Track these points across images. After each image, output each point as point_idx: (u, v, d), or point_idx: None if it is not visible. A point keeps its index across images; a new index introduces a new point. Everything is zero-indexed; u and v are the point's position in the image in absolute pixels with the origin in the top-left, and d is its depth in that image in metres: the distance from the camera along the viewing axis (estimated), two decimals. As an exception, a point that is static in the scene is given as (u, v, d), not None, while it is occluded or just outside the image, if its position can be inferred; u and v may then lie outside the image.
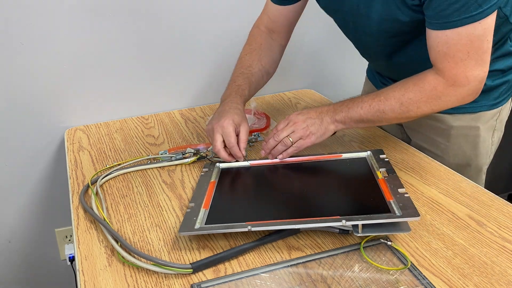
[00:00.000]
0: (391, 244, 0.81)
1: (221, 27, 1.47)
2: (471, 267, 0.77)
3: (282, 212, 0.87)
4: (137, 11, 1.35)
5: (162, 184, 1.05)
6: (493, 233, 0.84)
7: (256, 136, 1.26)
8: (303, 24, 1.58)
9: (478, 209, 0.91)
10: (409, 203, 0.81)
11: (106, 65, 1.38)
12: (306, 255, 0.80)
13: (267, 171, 1.04)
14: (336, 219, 0.80)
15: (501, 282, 0.73)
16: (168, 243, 0.85)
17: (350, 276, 0.75)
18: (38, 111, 1.35)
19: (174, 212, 0.94)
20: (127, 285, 0.75)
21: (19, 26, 1.25)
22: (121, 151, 1.21)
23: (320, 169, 1.03)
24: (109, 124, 1.40)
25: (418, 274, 0.75)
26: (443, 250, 0.80)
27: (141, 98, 1.46)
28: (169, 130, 1.34)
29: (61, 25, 1.29)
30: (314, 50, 1.62)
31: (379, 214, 0.80)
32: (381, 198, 0.85)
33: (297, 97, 1.56)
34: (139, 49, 1.40)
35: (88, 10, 1.30)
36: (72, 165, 1.15)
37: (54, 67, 1.32)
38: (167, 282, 0.75)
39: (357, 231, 0.80)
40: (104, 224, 0.88)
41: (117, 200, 0.99)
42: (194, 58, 1.47)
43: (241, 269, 0.78)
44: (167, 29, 1.41)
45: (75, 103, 1.38)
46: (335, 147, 1.19)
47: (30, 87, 1.32)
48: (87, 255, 0.83)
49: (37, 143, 1.38)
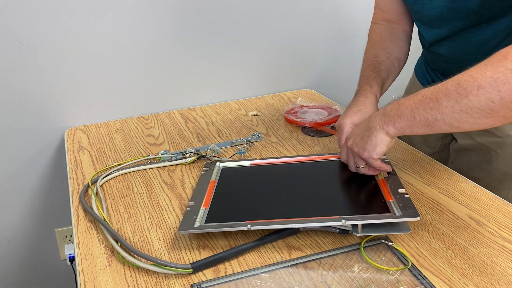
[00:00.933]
0: (392, 244, 0.81)
1: (221, 27, 1.47)
2: (471, 267, 0.76)
3: (282, 211, 0.87)
4: (137, 10, 1.35)
5: (162, 184, 1.05)
6: (493, 233, 0.84)
7: (257, 136, 1.26)
8: (303, 24, 1.58)
9: (478, 209, 0.91)
10: (409, 203, 0.81)
11: (106, 65, 1.38)
12: (306, 255, 0.80)
13: (268, 171, 1.04)
14: (336, 219, 0.80)
15: (501, 282, 0.73)
16: (168, 243, 0.85)
17: (350, 276, 0.75)
18: (38, 111, 1.35)
19: (174, 212, 0.94)
20: (127, 285, 0.75)
21: (19, 26, 1.25)
22: (121, 151, 1.21)
23: (321, 169, 1.03)
24: (109, 124, 1.40)
25: (418, 274, 0.75)
26: (443, 250, 0.80)
27: (141, 98, 1.46)
28: (169, 130, 1.34)
29: (61, 25, 1.29)
30: (314, 50, 1.62)
31: (379, 214, 0.80)
32: (381, 198, 0.86)
33: (297, 97, 1.56)
34: (139, 49, 1.40)
35: (88, 10, 1.30)
36: (72, 165, 1.15)
37: (54, 67, 1.32)
38: (167, 282, 0.75)
39: (357, 231, 0.80)
40: (104, 224, 0.88)
41: (117, 200, 0.99)
42: (194, 58, 1.47)
43: (241, 269, 0.78)
44: (167, 28, 1.41)
45: (75, 103, 1.39)
46: (335, 147, 1.19)
47: (30, 87, 1.32)
48: (87, 255, 0.83)
49: (37, 143, 1.38)
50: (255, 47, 1.54)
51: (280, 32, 1.55)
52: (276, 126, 1.34)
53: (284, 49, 1.57)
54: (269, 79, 1.61)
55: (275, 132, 1.30)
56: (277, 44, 1.56)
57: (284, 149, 1.20)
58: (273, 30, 1.53)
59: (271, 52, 1.56)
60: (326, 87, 1.67)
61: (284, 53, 1.58)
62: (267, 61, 1.57)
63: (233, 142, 1.23)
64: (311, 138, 1.26)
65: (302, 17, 1.56)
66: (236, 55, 1.52)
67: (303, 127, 1.31)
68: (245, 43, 1.52)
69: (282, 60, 1.60)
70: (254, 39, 1.52)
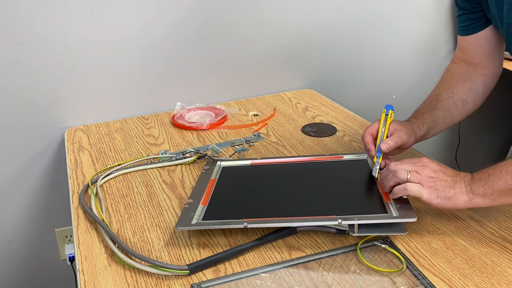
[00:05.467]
0: (384, 246, 0.80)
1: (221, 27, 1.47)
2: (472, 267, 0.76)
3: (280, 210, 0.87)
4: (137, 10, 1.35)
5: (162, 184, 1.05)
6: (494, 233, 0.84)
7: (257, 135, 1.26)
8: (303, 24, 1.58)
9: (478, 209, 0.91)
10: (406, 205, 0.81)
11: (106, 65, 1.38)
12: (306, 255, 0.80)
13: (268, 171, 1.04)
14: (332, 218, 0.80)
15: (501, 282, 0.73)
16: (169, 243, 0.85)
17: (350, 276, 0.75)
18: (38, 111, 1.35)
19: (174, 212, 0.94)
20: (127, 285, 0.75)
21: (19, 26, 1.25)
22: (121, 151, 1.21)
23: (321, 170, 1.03)
24: (109, 124, 1.40)
25: (418, 274, 0.74)
26: (443, 250, 0.80)
27: (141, 98, 1.46)
28: (169, 130, 1.34)
29: (61, 25, 1.29)
30: (315, 50, 1.62)
31: (376, 214, 0.80)
32: (379, 199, 0.85)
33: (297, 97, 1.56)
34: (139, 48, 1.40)
35: (88, 10, 1.30)
36: (72, 165, 1.15)
37: (54, 67, 1.32)
38: (167, 282, 0.75)
39: (353, 231, 0.80)
40: (102, 225, 0.88)
41: (117, 200, 0.99)
42: (194, 57, 1.47)
43: (241, 269, 0.77)
44: (167, 28, 1.41)
45: (75, 103, 1.38)
46: (335, 147, 1.19)
47: (30, 87, 1.32)
48: (87, 255, 0.83)
49: (37, 143, 1.38)
50: (255, 47, 1.53)
51: (280, 32, 1.54)
52: (276, 126, 1.34)
53: (284, 49, 1.57)
54: (269, 79, 1.60)
55: (275, 132, 1.30)
56: (277, 44, 1.56)
57: (284, 149, 1.20)
58: (273, 30, 1.53)
59: (271, 52, 1.56)
60: (326, 87, 1.67)
61: (284, 53, 1.58)
62: (267, 61, 1.57)
63: (233, 142, 1.23)
64: (311, 138, 1.26)
65: (302, 17, 1.56)
66: (236, 55, 1.52)
67: (303, 127, 1.31)
68: (245, 43, 1.52)
69: (282, 60, 1.59)
70: (254, 39, 1.52)
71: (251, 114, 1.44)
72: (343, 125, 1.33)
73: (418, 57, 1.80)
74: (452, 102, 1.03)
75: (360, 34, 1.66)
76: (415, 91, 1.81)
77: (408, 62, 1.79)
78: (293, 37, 1.57)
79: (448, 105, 1.03)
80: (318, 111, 1.45)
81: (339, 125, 1.33)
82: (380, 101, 1.75)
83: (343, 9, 1.60)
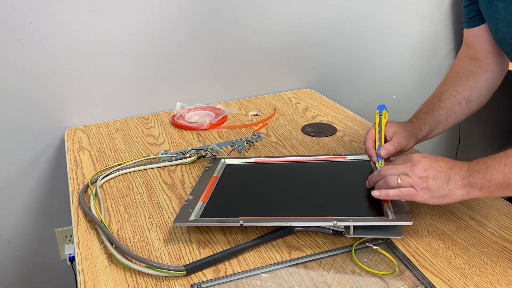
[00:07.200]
0: (376, 248, 0.80)
1: (221, 27, 1.47)
2: (472, 267, 0.76)
3: (278, 210, 0.87)
4: (137, 10, 1.35)
5: (162, 184, 1.05)
6: (494, 233, 0.84)
7: (257, 135, 1.26)
8: (303, 24, 1.58)
9: (478, 209, 0.91)
10: (404, 208, 0.81)
11: (106, 65, 1.38)
12: (306, 255, 0.80)
13: (271, 169, 1.04)
14: (328, 219, 0.80)
15: (501, 283, 0.73)
16: (169, 243, 0.85)
17: (350, 276, 0.75)
18: (38, 111, 1.35)
19: (174, 212, 0.94)
20: (127, 285, 0.75)
21: (19, 26, 1.25)
22: (121, 151, 1.21)
23: (323, 170, 1.03)
24: (109, 124, 1.39)
25: (418, 274, 0.74)
26: (444, 250, 0.80)
27: (141, 98, 1.46)
28: (169, 130, 1.34)
29: (61, 25, 1.29)
30: (315, 50, 1.62)
31: (372, 216, 0.80)
32: (377, 201, 0.85)
33: (297, 97, 1.56)
34: (139, 48, 1.40)
35: (88, 10, 1.30)
36: (72, 165, 1.15)
37: (54, 67, 1.32)
38: (167, 282, 0.75)
39: (349, 233, 0.80)
40: (100, 225, 0.88)
41: (117, 200, 0.99)
42: (194, 57, 1.47)
43: (241, 269, 0.77)
44: (167, 28, 1.41)
45: (75, 103, 1.38)
46: (335, 147, 1.19)
47: (30, 87, 1.32)
48: (87, 255, 0.83)
49: (37, 143, 1.38)
50: (256, 47, 1.53)
51: (281, 32, 1.54)
52: (276, 126, 1.34)
53: (284, 49, 1.57)
54: (269, 79, 1.60)
55: (275, 132, 1.30)
56: (277, 44, 1.56)
57: (284, 149, 1.20)
58: (273, 30, 1.53)
59: (271, 52, 1.56)
60: (326, 87, 1.67)
61: (284, 53, 1.58)
62: (267, 61, 1.57)
63: (233, 142, 1.23)
64: (311, 138, 1.26)
65: (303, 17, 1.56)
66: (236, 55, 1.52)
67: (303, 127, 1.31)
68: (245, 43, 1.52)
69: (282, 60, 1.59)
70: (254, 39, 1.52)
71: (251, 114, 1.44)
72: (343, 125, 1.33)
73: (418, 57, 1.80)
74: (455, 101, 1.02)
75: (361, 34, 1.66)
76: (415, 91, 1.81)
77: (408, 62, 1.79)
78: (293, 37, 1.57)
79: (451, 104, 1.02)
80: (318, 111, 1.45)
81: (339, 125, 1.33)
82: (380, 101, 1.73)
83: (343, 9, 1.60)
